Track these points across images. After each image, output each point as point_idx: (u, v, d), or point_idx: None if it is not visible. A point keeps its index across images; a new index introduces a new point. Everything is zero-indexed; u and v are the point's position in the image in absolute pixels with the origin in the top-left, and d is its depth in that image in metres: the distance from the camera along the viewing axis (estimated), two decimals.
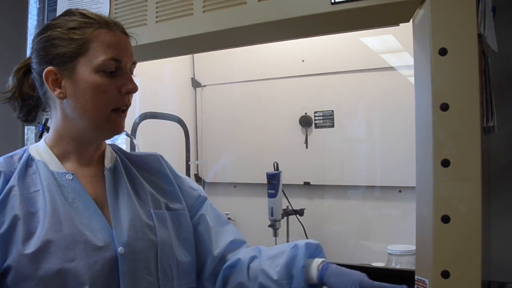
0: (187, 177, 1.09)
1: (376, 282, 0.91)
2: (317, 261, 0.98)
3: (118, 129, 0.90)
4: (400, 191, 1.84)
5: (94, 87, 0.86)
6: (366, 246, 1.90)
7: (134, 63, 0.92)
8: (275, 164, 1.86)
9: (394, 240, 1.61)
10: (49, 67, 0.88)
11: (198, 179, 2.25)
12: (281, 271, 0.97)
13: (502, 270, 1.13)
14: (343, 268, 0.96)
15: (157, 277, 0.90)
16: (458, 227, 0.72)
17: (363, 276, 0.92)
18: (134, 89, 0.89)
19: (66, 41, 0.87)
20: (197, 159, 2.25)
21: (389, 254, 1.52)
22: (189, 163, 2.15)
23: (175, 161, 1.04)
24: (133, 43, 0.93)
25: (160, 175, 1.01)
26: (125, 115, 0.91)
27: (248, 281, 1.00)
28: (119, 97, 0.89)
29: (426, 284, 0.75)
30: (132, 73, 0.93)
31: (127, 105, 0.90)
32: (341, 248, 1.94)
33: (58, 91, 0.88)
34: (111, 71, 0.87)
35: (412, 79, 0.86)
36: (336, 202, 2.01)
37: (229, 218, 2.06)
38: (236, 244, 1.06)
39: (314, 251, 1.01)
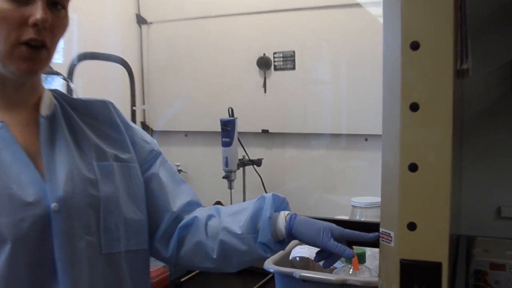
0: (140, 128, 1.06)
1: (346, 229, 0.95)
2: (284, 213, 1.00)
3: (24, 67, 0.83)
4: (366, 139, 1.88)
5: None
6: (330, 199, 1.95)
7: None
8: (230, 109, 1.84)
9: (360, 193, 1.66)
10: None
11: (145, 127, 2.22)
12: (245, 225, 0.98)
13: (472, 223, 1.17)
14: (311, 219, 0.98)
15: (99, 236, 0.89)
16: (426, 176, 0.73)
17: (332, 225, 0.96)
18: (43, 20, 0.81)
19: None
20: (144, 104, 2.21)
21: (353, 206, 1.56)
22: (134, 108, 2.11)
23: (119, 107, 1.01)
24: None
25: (109, 123, 0.98)
26: (41, 54, 0.84)
27: (207, 239, 1.00)
28: (25, 28, 0.82)
29: (391, 237, 0.77)
30: (63, 7, 0.86)
31: (37, 39, 0.83)
32: (302, 202, 1.98)
33: None
34: None
35: (380, 18, 0.85)
36: (297, 152, 2.03)
37: (180, 170, 2.06)
38: (192, 206, 1.06)
39: (281, 204, 1.03)
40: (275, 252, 1.01)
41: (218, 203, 1.77)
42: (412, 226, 0.74)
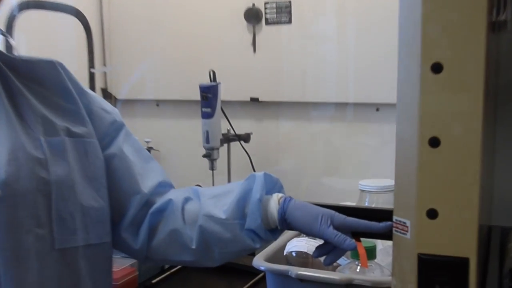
0: (97, 95, 1.06)
1: (350, 218, 0.96)
2: (276, 195, 1.01)
3: None
4: (378, 109, 1.88)
5: None
6: (333, 182, 1.96)
7: None
8: (211, 73, 1.83)
9: (370, 175, 1.66)
10: None
11: (106, 95, 2.20)
12: (231, 209, 0.99)
13: (508, 212, 1.17)
14: (309, 203, 1.00)
15: (51, 228, 0.89)
16: (451, 153, 0.73)
17: (333, 212, 0.97)
18: None
19: None
20: (104, 66, 2.18)
21: (361, 191, 1.56)
22: (92, 70, 2.09)
23: (73, 69, 1.00)
24: None
25: (58, 89, 0.97)
26: None
27: (184, 226, 1.01)
28: None
29: (407, 226, 0.77)
30: None
31: None
32: (299, 186, 1.99)
33: None
34: None
35: None
36: (294, 126, 2.04)
37: (150, 148, 2.06)
38: (164, 188, 1.07)
39: (273, 186, 1.04)
40: (265, 242, 1.02)
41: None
42: (432, 214, 0.74)
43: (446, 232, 0.74)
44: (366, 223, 0.95)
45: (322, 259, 1.01)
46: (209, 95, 1.82)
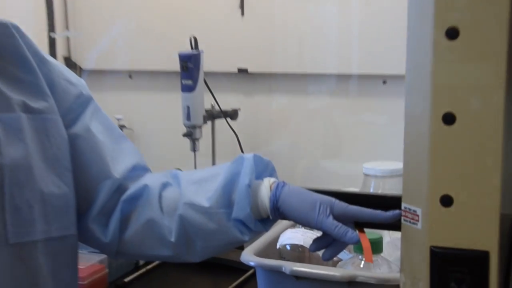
0: (61, 64, 1.05)
1: (353, 206, 0.97)
2: (268, 180, 1.01)
3: None
4: (385, 82, 1.88)
5: None
6: (334, 166, 1.96)
7: None
8: (193, 39, 1.82)
9: (375, 158, 1.67)
10: None
11: (70, 64, 2.19)
12: (216, 196, 0.99)
13: None
14: (305, 189, 1.00)
15: (3, 220, 0.88)
16: (468, 131, 0.73)
17: (334, 199, 0.97)
18: None
19: None
20: (67, 31, 2.16)
21: (366, 175, 1.57)
22: (53, 34, 2.07)
23: (30, 33, 0.99)
24: None
25: (13, 57, 0.96)
26: None
27: (162, 216, 1.01)
28: None
29: (417, 215, 0.77)
30: None
31: None
32: (294, 170, 2.00)
33: None
34: None
35: None
36: (289, 101, 2.04)
37: (122, 126, 2.06)
38: (139, 171, 1.07)
39: (264, 169, 1.04)
40: (255, 234, 1.03)
41: None
42: (447, 201, 0.75)
43: (462, 222, 0.74)
44: (371, 211, 0.95)
45: (320, 253, 1.01)
46: (190, 65, 1.80)
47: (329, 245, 0.99)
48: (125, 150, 1.07)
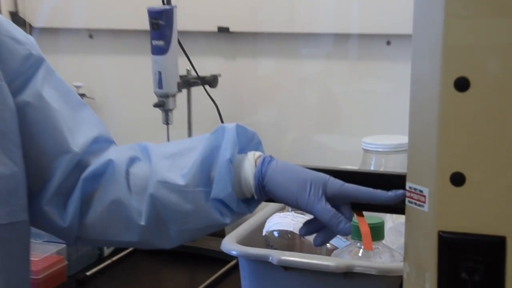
0: (5, 19, 1.04)
1: (349, 184, 0.97)
2: (253, 154, 1.02)
3: None
4: (389, 42, 1.88)
5: None
6: (329, 140, 1.97)
7: None
8: None
9: (377, 131, 1.67)
10: None
11: (18, 21, 2.17)
12: (192, 173, 0.99)
13: None
14: (296, 166, 1.00)
15: None
16: (484, 99, 0.73)
17: (328, 176, 0.97)
18: None
19: None
20: None
21: (366, 151, 1.57)
22: None
23: None
24: None
25: None
26: None
27: (130, 196, 1.01)
28: None
29: (424, 196, 0.78)
30: None
31: None
32: (283, 144, 1.99)
33: None
34: None
35: None
36: (278, 65, 2.04)
37: (82, 95, 2.05)
38: (102, 144, 1.07)
39: (249, 142, 1.05)
40: (238, 217, 1.03)
41: None
42: (458, 179, 0.75)
43: (475, 203, 0.75)
44: (370, 191, 0.96)
45: (311, 238, 1.02)
46: (161, 22, 1.79)
47: (321, 228, 1.00)
48: (84, 119, 1.06)
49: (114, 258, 1.75)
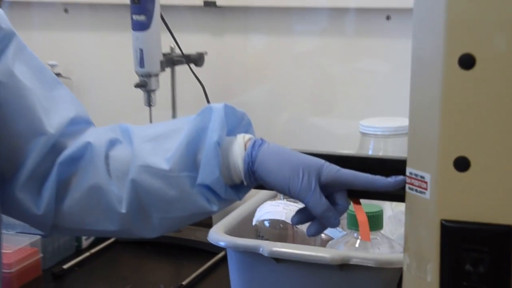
0: None
1: (346, 170, 0.97)
2: (242, 136, 1.02)
3: None
4: (388, 17, 1.88)
5: None
6: (324, 123, 1.97)
7: None
8: None
9: (376, 113, 1.68)
10: None
11: None
12: (177, 156, 0.99)
13: None
14: (289, 149, 1.01)
15: None
16: (490, 77, 0.73)
17: (322, 161, 0.98)
18: None
19: None
20: None
21: (363, 134, 1.57)
22: None
23: None
24: None
25: None
26: None
27: (110, 181, 1.01)
28: None
29: (426, 182, 0.78)
30: None
31: None
32: (274, 127, 1.99)
33: None
34: None
35: None
36: (269, 43, 2.04)
37: (57, 75, 2.04)
38: (79, 125, 1.07)
39: (238, 123, 1.05)
40: (226, 204, 1.03)
41: None
42: (462, 164, 0.75)
43: (480, 190, 0.75)
44: (368, 177, 0.96)
45: (303, 227, 1.02)
46: None
47: (315, 218, 1.00)
48: (60, 98, 1.06)
49: (93, 250, 1.75)
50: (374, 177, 0.95)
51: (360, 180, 0.96)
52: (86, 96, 2.08)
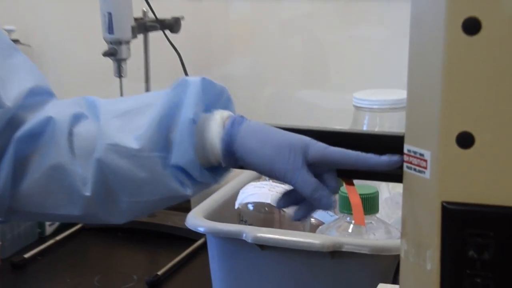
0: None
1: (335, 148, 0.97)
2: (221, 113, 1.02)
3: None
4: None
5: None
6: (314, 97, 1.97)
7: None
8: None
9: (370, 85, 1.69)
10: None
11: None
12: (148, 135, 0.99)
13: None
14: (272, 127, 1.01)
15: None
16: (497, 43, 0.73)
17: (309, 139, 0.97)
18: None
19: None
20: None
21: (357, 108, 1.58)
22: None
23: None
24: None
25: None
26: None
27: (73, 160, 1.01)
28: None
29: (425, 160, 0.78)
30: None
31: None
32: (259, 101, 1.99)
33: None
34: None
35: None
36: (254, 6, 2.04)
37: (16, 41, 2.03)
38: (40, 97, 1.06)
39: (217, 98, 1.04)
40: (202, 187, 1.03)
41: None
42: (466, 141, 0.75)
43: (485, 169, 0.75)
44: (359, 155, 0.95)
45: (289, 211, 1.02)
46: None
47: (303, 200, 1.00)
48: (18, 67, 1.05)
49: (58, 238, 1.75)
50: (366, 155, 0.95)
51: (350, 158, 0.96)
52: (47, 66, 2.08)
